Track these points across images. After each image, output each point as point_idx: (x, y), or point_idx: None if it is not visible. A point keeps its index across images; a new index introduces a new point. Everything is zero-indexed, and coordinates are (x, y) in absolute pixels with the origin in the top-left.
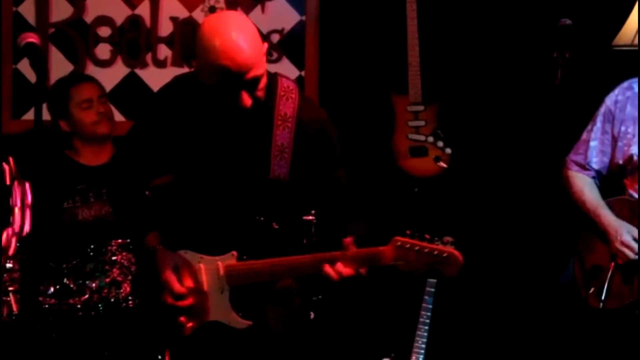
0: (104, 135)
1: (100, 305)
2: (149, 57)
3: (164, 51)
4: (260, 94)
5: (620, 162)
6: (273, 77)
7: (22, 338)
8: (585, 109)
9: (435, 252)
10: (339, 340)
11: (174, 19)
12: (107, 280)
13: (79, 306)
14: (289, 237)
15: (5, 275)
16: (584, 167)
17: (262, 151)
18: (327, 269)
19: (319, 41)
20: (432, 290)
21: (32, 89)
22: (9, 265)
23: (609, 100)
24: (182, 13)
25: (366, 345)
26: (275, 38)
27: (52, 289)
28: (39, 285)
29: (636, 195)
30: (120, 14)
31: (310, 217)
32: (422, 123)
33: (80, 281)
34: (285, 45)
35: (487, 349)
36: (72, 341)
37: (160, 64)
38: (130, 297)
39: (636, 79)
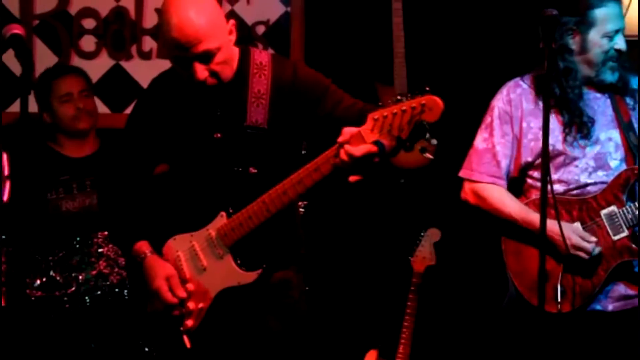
0: (82, 131)
1: (87, 298)
2: (134, 49)
3: (149, 43)
4: (217, 68)
5: (530, 159)
6: (246, 51)
7: (8, 330)
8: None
9: (414, 105)
10: (327, 332)
11: (158, 11)
12: (94, 272)
13: (65, 298)
14: (269, 178)
15: None
16: (498, 177)
17: (239, 121)
18: (343, 154)
19: (304, 32)
20: (419, 281)
21: (17, 81)
22: None
23: (500, 102)
24: None
25: (354, 336)
26: (261, 29)
27: (38, 282)
28: (26, 278)
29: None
30: (104, 5)
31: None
32: None
33: (67, 273)
34: (271, 36)
35: (473, 340)
36: (59, 333)
37: (145, 55)
38: (116, 289)
39: (519, 78)
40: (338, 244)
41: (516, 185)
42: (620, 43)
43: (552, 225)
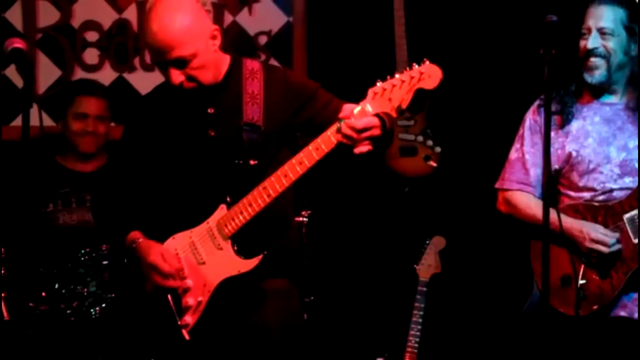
0: (85, 153)
1: (92, 310)
2: (137, 61)
3: None
4: (194, 72)
5: (557, 166)
6: (237, 58)
7: (14, 344)
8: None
9: (413, 74)
10: (333, 341)
11: None
12: (99, 285)
13: (69, 311)
14: (270, 168)
15: None
16: (526, 183)
17: (236, 120)
18: (345, 127)
19: (306, 42)
20: (425, 289)
21: (19, 95)
22: None
23: (530, 114)
24: None
25: (359, 345)
26: (263, 40)
27: (43, 294)
28: (30, 291)
29: (571, 193)
30: (107, 18)
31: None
32: (411, 122)
33: (72, 286)
34: (273, 46)
35: (479, 348)
36: (64, 347)
37: (148, 67)
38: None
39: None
40: (343, 252)
41: (550, 197)
42: (592, 42)
43: (573, 222)
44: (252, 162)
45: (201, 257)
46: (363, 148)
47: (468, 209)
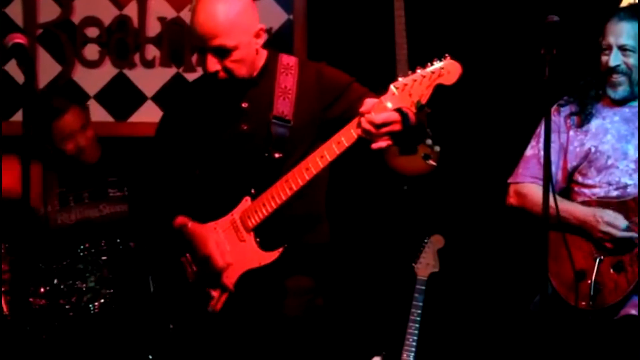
0: (88, 164)
1: (91, 306)
2: (137, 58)
3: (152, 51)
4: (231, 65)
5: (574, 163)
6: (274, 54)
7: (12, 339)
8: None
9: (433, 70)
10: (331, 338)
11: (161, 19)
12: (97, 280)
13: (68, 307)
14: (294, 161)
15: None
16: (540, 178)
17: (266, 113)
18: (364, 122)
19: (306, 40)
20: (423, 288)
21: (20, 90)
22: None
23: (550, 113)
24: (169, 13)
25: (357, 343)
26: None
27: (42, 290)
28: (29, 286)
29: (585, 191)
30: (108, 14)
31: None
32: None
33: (70, 282)
34: (274, 44)
35: (477, 347)
36: (63, 342)
37: (148, 64)
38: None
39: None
40: (341, 250)
41: (564, 195)
42: (614, 59)
43: (585, 209)
44: (277, 155)
45: (225, 248)
46: (382, 143)
47: (467, 207)
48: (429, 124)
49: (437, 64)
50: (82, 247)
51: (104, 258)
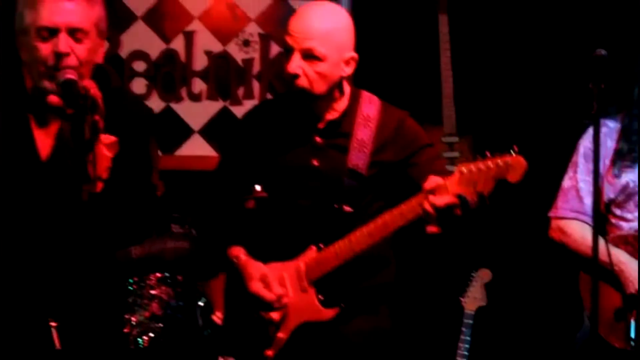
0: None
1: (139, 340)
2: (184, 91)
3: (199, 85)
4: (313, 74)
5: (612, 195)
6: (357, 92)
7: None
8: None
9: (500, 162)
10: None
11: (208, 53)
12: (147, 314)
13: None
14: (363, 218)
15: None
16: (581, 212)
17: (339, 160)
18: (426, 203)
19: (353, 76)
20: (470, 322)
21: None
22: None
23: (585, 142)
24: (216, 47)
25: None
26: None
27: None
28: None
29: (623, 224)
30: (155, 48)
31: None
32: (457, 154)
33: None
34: None
35: None
36: None
37: (195, 97)
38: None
39: (605, 118)
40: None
41: (601, 225)
42: None
43: (620, 261)
44: (347, 209)
45: (289, 292)
46: (435, 229)
47: (514, 241)
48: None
49: (504, 158)
50: (131, 280)
51: (153, 292)
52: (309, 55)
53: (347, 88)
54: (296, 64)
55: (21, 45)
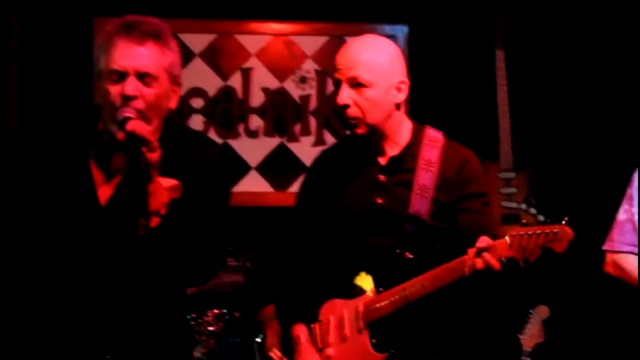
0: None
1: None
2: (241, 128)
3: (255, 121)
4: (363, 103)
5: None
6: (419, 128)
7: None
8: None
9: (548, 231)
10: None
11: (265, 90)
12: (204, 350)
13: None
14: (423, 265)
15: None
16: (636, 245)
17: (402, 197)
18: (479, 261)
19: (409, 105)
20: (528, 359)
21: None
22: None
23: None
24: (273, 83)
25: None
26: None
27: None
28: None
29: None
30: (212, 85)
31: None
32: (514, 190)
33: None
34: None
35: None
36: None
37: (252, 134)
38: None
39: None
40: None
41: None
42: None
43: None
44: (408, 256)
45: (345, 332)
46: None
47: (572, 277)
48: (532, 193)
49: (554, 226)
50: (189, 316)
51: (211, 328)
52: (356, 84)
53: (406, 122)
54: (345, 94)
55: (97, 90)
